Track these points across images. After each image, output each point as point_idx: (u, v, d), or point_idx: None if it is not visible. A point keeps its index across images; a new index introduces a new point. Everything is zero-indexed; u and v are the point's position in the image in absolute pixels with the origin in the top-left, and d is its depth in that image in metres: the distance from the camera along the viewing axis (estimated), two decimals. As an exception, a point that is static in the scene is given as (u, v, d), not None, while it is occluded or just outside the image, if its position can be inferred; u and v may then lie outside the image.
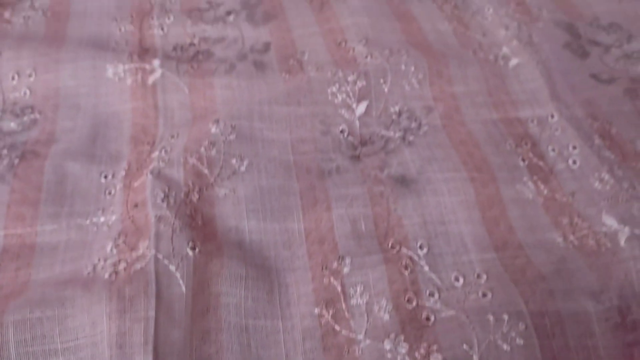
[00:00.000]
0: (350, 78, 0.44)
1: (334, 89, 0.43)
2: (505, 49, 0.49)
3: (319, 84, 0.44)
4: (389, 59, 0.46)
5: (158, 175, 0.36)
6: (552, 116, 0.44)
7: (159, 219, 0.32)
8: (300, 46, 0.49)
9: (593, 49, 0.51)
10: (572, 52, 0.51)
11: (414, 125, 0.43)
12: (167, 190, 0.35)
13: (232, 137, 0.40)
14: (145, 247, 0.31)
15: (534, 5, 0.55)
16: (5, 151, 0.39)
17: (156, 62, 0.44)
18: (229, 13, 0.51)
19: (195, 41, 0.49)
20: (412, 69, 0.45)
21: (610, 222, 0.36)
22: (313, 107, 0.42)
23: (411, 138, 0.42)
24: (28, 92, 0.43)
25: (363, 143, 0.41)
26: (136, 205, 0.34)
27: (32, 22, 0.49)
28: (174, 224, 0.32)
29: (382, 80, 0.44)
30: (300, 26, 0.51)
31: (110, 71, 0.43)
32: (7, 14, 0.50)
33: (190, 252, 0.31)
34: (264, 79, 0.45)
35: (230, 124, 0.40)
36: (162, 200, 0.34)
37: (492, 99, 0.45)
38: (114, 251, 0.32)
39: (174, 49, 0.48)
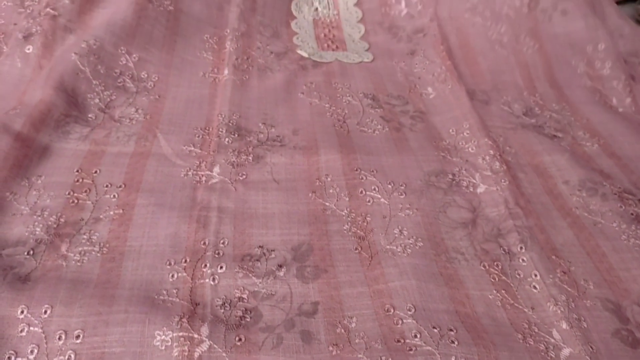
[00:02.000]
0: (401, 374, 0.43)
1: (385, 387, 0.42)
2: (555, 334, 0.48)
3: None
4: (438, 344, 0.45)
5: None
6: None
7: None
8: (348, 309, 0.49)
9: (644, 336, 0.50)
10: (621, 340, 0.50)
11: None
12: None
13: None
14: None
15: (579, 276, 0.55)
16: None
17: (204, 331, 0.44)
18: (280, 266, 0.52)
19: (245, 296, 0.49)
20: (463, 363, 0.44)
21: None
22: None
23: None
24: (73, 356, 0.42)
25: None
26: None
27: (87, 260, 0.50)
28: None
29: (433, 376, 0.43)
30: (348, 284, 0.51)
31: (158, 339, 0.43)
32: (64, 248, 0.51)
33: None
34: (310, 355, 0.44)
35: None
36: None
37: (546, 401, 0.43)
38: None
39: (223, 304, 0.47)
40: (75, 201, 0.55)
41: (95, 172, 0.59)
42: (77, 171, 0.58)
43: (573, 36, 0.88)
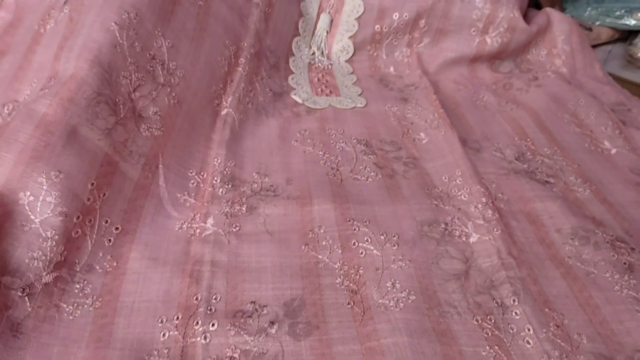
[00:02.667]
0: None
1: None
2: (549, 393, 0.48)
3: None
4: (431, 405, 0.45)
5: None
6: None
7: None
8: (340, 368, 0.49)
9: (638, 391, 0.50)
10: (617, 398, 0.49)
11: None
12: None
13: None
14: None
15: (573, 330, 0.55)
16: None
17: (195, 395, 0.44)
18: (272, 323, 0.51)
19: (236, 355, 0.48)
20: None
21: None
22: None
23: None
24: (62, 423, 0.41)
25: None
26: None
27: (79, 314, 0.50)
28: None
29: None
30: (340, 341, 0.51)
31: (148, 404, 0.43)
32: (56, 297, 0.50)
33: None
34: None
35: None
36: None
37: None
38: None
39: (214, 364, 0.47)
40: (78, 232, 0.53)
41: (104, 194, 0.57)
42: (92, 184, 0.55)
43: (553, 95, 0.91)
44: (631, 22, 1.25)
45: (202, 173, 0.68)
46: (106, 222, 0.57)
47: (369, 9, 1.02)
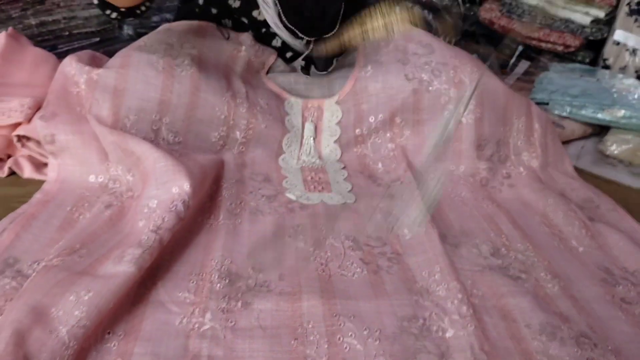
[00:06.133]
0: None
1: None
2: None
3: None
4: None
5: None
6: None
7: None
8: None
9: None
10: None
11: None
12: None
13: None
14: None
15: None
16: None
17: None
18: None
19: None
20: None
21: None
22: None
23: None
24: None
25: None
26: None
27: None
28: None
29: None
30: None
31: None
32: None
33: None
34: None
35: None
36: None
37: None
38: None
39: None
40: (87, 346, 0.61)
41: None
42: (114, 304, 0.64)
43: (523, 198, 1.00)
44: (603, 117, 1.34)
45: (201, 274, 0.75)
46: (108, 333, 0.64)
47: (347, 114, 1.13)
